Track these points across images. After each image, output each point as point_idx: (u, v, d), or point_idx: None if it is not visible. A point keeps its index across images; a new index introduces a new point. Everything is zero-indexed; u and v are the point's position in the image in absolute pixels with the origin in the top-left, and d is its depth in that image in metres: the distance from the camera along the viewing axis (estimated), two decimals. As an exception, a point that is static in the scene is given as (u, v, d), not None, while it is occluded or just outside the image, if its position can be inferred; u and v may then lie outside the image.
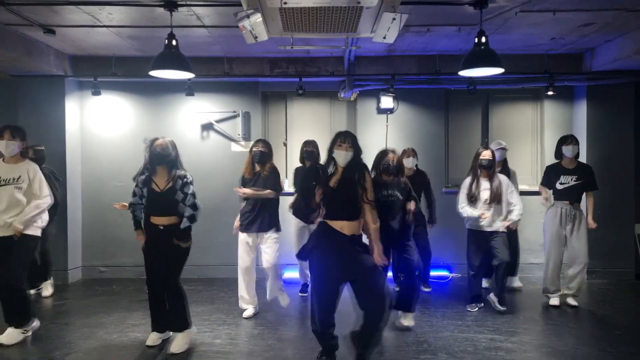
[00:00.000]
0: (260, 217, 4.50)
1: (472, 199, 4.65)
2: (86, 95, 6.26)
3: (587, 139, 6.10)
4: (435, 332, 4.19)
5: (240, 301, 4.67)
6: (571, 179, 4.85)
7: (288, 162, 6.61)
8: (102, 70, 5.97)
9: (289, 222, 5.23)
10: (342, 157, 3.22)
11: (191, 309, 4.01)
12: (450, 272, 6.24)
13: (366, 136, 6.38)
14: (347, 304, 3.44)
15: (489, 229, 4.64)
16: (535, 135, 6.57)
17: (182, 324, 3.81)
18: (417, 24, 4.80)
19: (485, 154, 4.65)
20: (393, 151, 4.24)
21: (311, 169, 4.82)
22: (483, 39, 4.04)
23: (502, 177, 4.77)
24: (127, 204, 3.92)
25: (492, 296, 4.82)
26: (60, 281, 5.90)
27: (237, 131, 6.31)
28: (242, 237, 4.57)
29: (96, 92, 5.92)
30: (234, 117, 6.34)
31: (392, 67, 6.13)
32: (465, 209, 4.66)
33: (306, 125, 6.62)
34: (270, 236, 4.53)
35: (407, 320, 4.28)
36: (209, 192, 6.06)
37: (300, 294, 5.47)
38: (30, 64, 5.38)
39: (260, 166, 4.58)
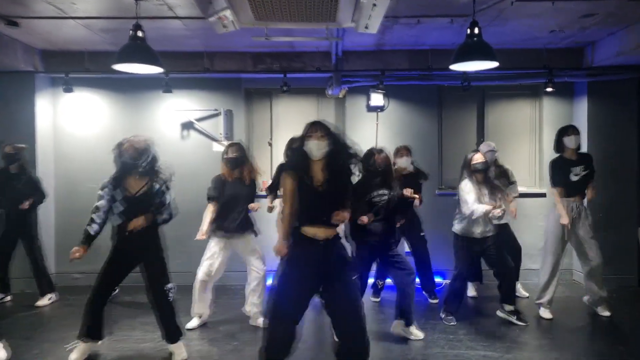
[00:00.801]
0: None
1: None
2: (59, 92, 5.90)
3: (588, 138, 5.78)
4: (424, 347, 3.88)
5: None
6: (580, 169, 4.57)
7: (273, 163, 6.28)
8: (75, 65, 5.63)
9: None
10: (315, 147, 2.76)
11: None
12: (444, 279, 5.92)
13: (356, 135, 6.04)
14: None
15: (479, 236, 4.32)
16: (533, 134, 6.25)
17: (178, 333, 3.67)
18: (407, 15, 4.48)
19: (477, 158, 4.34)
20: (380, 151, 3.92)
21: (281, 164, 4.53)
22: (476, 30, 3.71)
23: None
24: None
25: (501, 313, 4.52)
26: (31, 289, 5.57)
27: (218, 130, 5.98)
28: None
29: (68, 89, 5.59)
30: (216, 115, 6.01)
31: (382, 62, 5.80)
32: (479, 206, 4.19)
33: (292, 124, 6.26)
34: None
35: (415, 332, 4.06)
36: (189, 194, 5.71)
37: None
38: (-5, 59, 5.05)
39: (238, 172, 4.33)
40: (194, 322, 4.42)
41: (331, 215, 2.72)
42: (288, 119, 6.29)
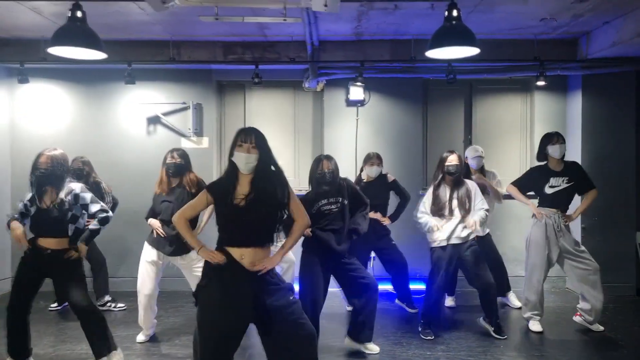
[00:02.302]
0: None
1: (438, 210, 3.97)
2: (15, 84, 5.50)
3: (583, 135, 5.38)
4: (398, 366, 3.48)
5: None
6: (562, 181, 4.14)
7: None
8: (32, 55, 5.22)
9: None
10: (243, 160, 2.37)
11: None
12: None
13: (335, 131, 5.67)
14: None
15: (457, 241, 3.95)
16: (524, 131, 5.86)
17: (107, 346, 3.34)
18: (382, -2, 4.09)
19: (452, 159, 3.99)
20: (328, 157, 3.59)
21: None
22: (454, 13, 3.33)
23: (470, 184, 4.10)
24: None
25: (483, 322, 4.16)
26: None
27: (187, 125, 5.58)
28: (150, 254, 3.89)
29: (23, 80, 5.18)
30: (184, 109, 5.61)
31: (361, 53, 5.40)
32: (424, 218, 4.01)
33: (267, 119, 5.88)
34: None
35: (371, 346, 3.67)
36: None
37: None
38: (-62, 46, 4.65)
39: (177, 180, 3.91)
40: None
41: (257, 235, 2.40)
42: (263, 113, 5.89)
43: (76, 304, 3.30)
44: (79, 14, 3.34)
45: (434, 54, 3.44)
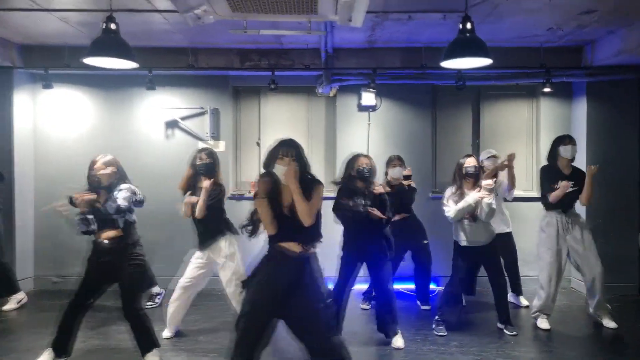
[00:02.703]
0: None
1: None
2: (38, 89, 5.69)
3: (587, 140, 5.56)
4: (413, 360, 3.66)
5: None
6: (570, 186, 4.32)
7: (262, 163, 6.07)
8: (55, 61, 5.41)
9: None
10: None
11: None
12: (438, 285, 5.71)
13: (347, 135, 5.86)
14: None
15: (480, 244, 4.12)
16: (530, 135, 6.04)
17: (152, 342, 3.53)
18: (397, 10, 4.28)
19: (470, 162, 4.14)
20: (367, 156, 3.81)
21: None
22: (468, 25, 3.50)
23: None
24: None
25: (499, 325, 4.35)
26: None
27: (205, 129, 5.77)
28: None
29: (47, 85, 5.37)
30: (202, 114, 5.79)
31: (374, 60, 5.60)
32: (457, 207, 4.05)
33: (281, 123, 6.08)
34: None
35: (397, 341, 3.90)
36: (173, 194, 5.48)
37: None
38: (-31, 54, 4.84)
39: (206, 179, 4.03)
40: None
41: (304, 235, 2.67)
42: (277, 118, 6.08)
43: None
44: (112, 26, 3.53)
45: (449, 64, 3.62)
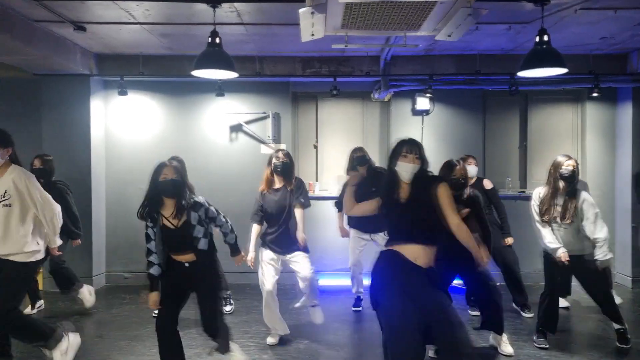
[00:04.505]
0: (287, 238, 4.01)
1: (544, 215, 3.84)
2: (110, 95, 6.04)
3: (633, 145, 5.83)
4: None
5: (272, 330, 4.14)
6: None
7: (319, 165, 6.40)
8: (128, 68, 5.74)
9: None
10: (408, 170, 2.70)
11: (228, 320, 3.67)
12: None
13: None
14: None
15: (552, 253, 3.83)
16: (575, 139, 6.34)
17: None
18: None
19: (569, 164, 3.79)
20: (459, 162, 3.78)
21: (371, 171, 4.58)
22: (545, 37, 3.80)
23: (586, 196, 3.82)
24: None
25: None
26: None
27: (266, 133, 6.08)
28: (266, 254, 4.02)
29: (123, 92, 5.69)
30: (264, 118, 6.11)
31: (429, 66, 5.90)
32: (545, 234, 3.82)
33: (337, 127, 6.39)
34: (297, 254, 4.04)
35: (505, 347, 3.83)
36: (237, 195, 5.85)
37: (353, 309, 5.02)
38: (56, 63, 5.15)
39: (284, 180, 4.05)
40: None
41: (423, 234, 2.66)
42: (333, 122, 6.39)
43: None
44: (217, 40, 3.84)
45: (526, 74, 3.93)
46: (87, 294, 4.91)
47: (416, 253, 2.65)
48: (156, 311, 3.10)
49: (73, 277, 4.88)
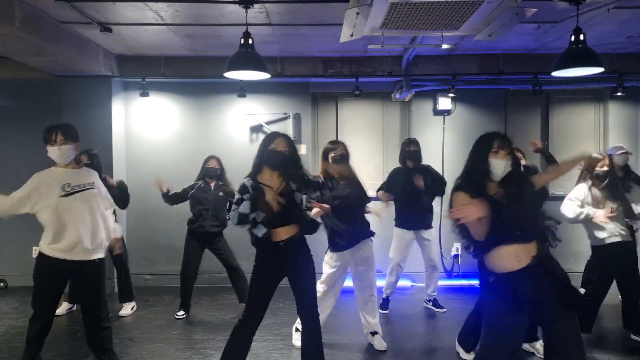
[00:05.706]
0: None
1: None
2: (131, 96, 6.02)
3: (656, 143, 5.83)
4: None
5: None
6: None
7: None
8: (150, 70, 5.72)
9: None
10: (501, 167, 2.44)
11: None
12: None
13: (421, 138, 6.05)
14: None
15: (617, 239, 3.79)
16: (597, 138, 6.31)
17: None
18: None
19: (603, 164, 3.85)
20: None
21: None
22: (581, 37, 3.79)
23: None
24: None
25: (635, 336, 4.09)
26: (107, 289, 5.63)
27: (287, 133, 6.02)
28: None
29: (144, 93, 5.68)
30: (285, 118, 6.09)
31: (451, 66, 5.87)
32: (583, 210, 3.79)
33: (357, 127, 6.36)
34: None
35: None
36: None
37: (380, 311, 4.65)
38: (80, 64, 5.13)
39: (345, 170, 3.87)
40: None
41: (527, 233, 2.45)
42: (353, 122, 6.37)
43: None
44: (250, 41, 3.82)
45: (561, 73, 3.90)
46: (129, 308, 4.99)
47: (528, 251, 2.42)
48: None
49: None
